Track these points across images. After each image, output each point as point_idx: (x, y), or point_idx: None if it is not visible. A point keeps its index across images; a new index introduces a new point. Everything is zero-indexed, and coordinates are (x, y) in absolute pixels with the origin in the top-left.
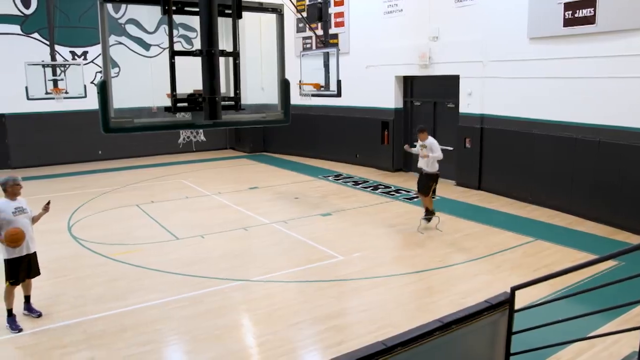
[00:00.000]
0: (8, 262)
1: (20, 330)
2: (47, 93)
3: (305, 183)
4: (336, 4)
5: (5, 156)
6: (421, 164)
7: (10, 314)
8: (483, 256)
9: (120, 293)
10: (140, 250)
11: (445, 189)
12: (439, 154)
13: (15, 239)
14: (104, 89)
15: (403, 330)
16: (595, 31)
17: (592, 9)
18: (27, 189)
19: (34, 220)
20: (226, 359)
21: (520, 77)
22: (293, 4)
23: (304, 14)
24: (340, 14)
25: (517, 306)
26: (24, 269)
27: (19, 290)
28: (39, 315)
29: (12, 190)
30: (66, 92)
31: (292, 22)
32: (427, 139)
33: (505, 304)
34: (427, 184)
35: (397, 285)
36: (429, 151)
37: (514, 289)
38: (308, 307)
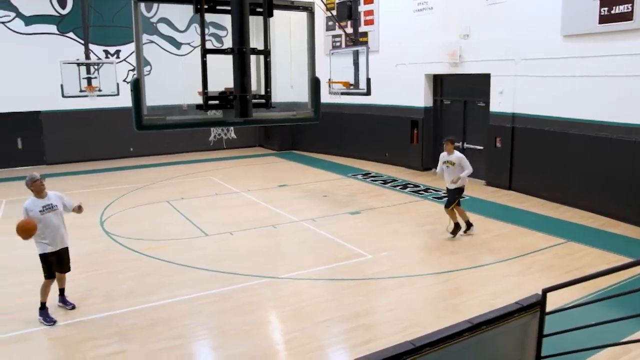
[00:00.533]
0: (41, 258)
1: (54, 322)
2: (81, 91)
3: (333, 181)
4: (366, 2)
5: (40, 152)
6: (449, 184)
7: (43, 307)
8: (513, 257)
9: (150, 288)
10: (171, 246)
11: (475, 189)
12: (469, 170)
13: (25, 229)
14: (137, 87)
15: (431, 330)
16: (633, 28)
17: (630, 4)
18: (61, 184)
19: (73, 211)
20: (254, 354)
21: (553, 76)
22: (323, 2)
23: (334, 12)
24: (370, 12)
25: (548, 308)
26: (54, 263)
27: (53, 284)
28: (73, 307)
29: (35, 187)
30: (99, 90)
31: (321, 20)
32: (454, 153)
33: (536, 305)
34: (454, 196)
35: (425, 285)
36: (459, 170)
37: (545, 291)
38: (336, 305)
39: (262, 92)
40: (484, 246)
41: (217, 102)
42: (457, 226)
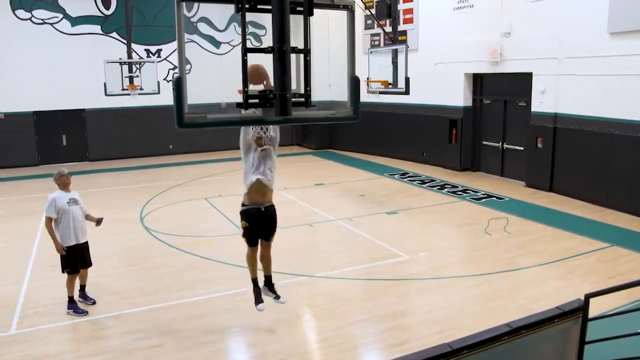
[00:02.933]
0: (67, 251)
1: (85, 313)
2: (123, 89)
3: (371, 180)
4: (405, 1)
5: (84, 149)
6: None
7: (71, 300)
8: (553, 261)
9: (187, 283)
10: (208, 243)
11: (515, 190)
12: None
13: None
14: (179, 85)
15: (468, 333)
16: None
17: None
18: (103, 180)
19: (86, 217)
20: (288, 352)
21: (598, 75)
22: (362, 0)
23: (373, 11)
24: (409, 11)
25: (590, 315)
26: (78, 257)
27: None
28: (94, 302)
29: (61, 182)
30: (141, 89)
31: (360, 18)
32: None
33: (578, 311)
34: None
35: (463, 287)
36: None
37: (588, 296)
38: (372, 305)
39: (302, 91)
40: (524, 249)
41: (256, 100)
42: None
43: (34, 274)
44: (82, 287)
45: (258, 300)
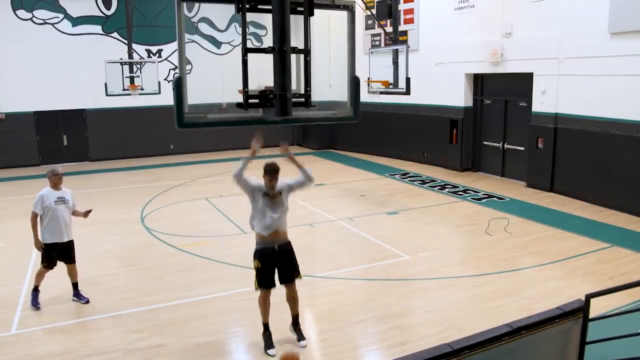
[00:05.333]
0: (45, 247)
1: (38, 308)
2: (124, 89)
3: (371, 181)
4: (406, 1)
5: (85, 149)
6: None
7: (36, 289)
8: (554, 261)
9: (188, 283)
10: (209, 243)
11: (516, 190)
12: None
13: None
14: (179, 86)
15: (468, 333)
16: None
17: None
18: (104, 180)
19: (74, 213)
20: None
21: (599, 75)
22: (363, 1)
23: (373, 11)
24: (410, 11)
25: (591, 315)
26: (58, 254)
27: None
28: (87, 301)
29: (53, 181)
30: (142, 89)
31: (360, 18)
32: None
33: (579, 311)
34: None
35: (464, 287)
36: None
37: (589, 297)
38: (372, 305)
39: (302, 91)
40: (524, 249)
41: (257, 100)
42: None
43: (34, 274)
44: (75, 286)
45: (268, 345)
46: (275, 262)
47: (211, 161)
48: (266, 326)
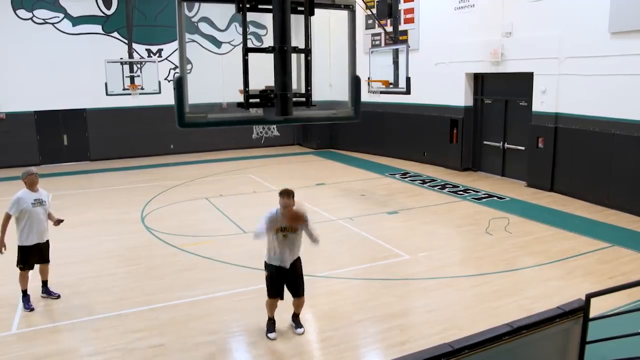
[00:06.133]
0: (20, 249)
1: (32, 309)
2: (124, 89)
3: (372, 180)
4: (406, 0)
5: (85, 149)
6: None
7: (25, 294)
8: (554, 261)
9: (189, 283)
10: (209, 243)
11: (516, 190)
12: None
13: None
14: (180, 85)
15: (468, 333)
16: None
17: None
18: (104, 180)
19: (49, 217)
20: (290, 352)
21: (599, 74)
22: (363, 0)
23: (374, 11)
24: (410, 10)
25: (591, 315)
26: (35, 255)
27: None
28: (58, 296)
29: (29, 181)
30: (142, 88)
31: (361, 18)
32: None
33: (579, 311)
34: None
35: (464, 287)
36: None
37: (589, 296)
38: (372, 305)
39: (303, 91)
40: (524, 249)
41: (257, 100)
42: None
43: (34, 274)
44: (45, 283)
45: (270, 330)
46: (285, 279)
47: (211, 161)
48: (271, 318)
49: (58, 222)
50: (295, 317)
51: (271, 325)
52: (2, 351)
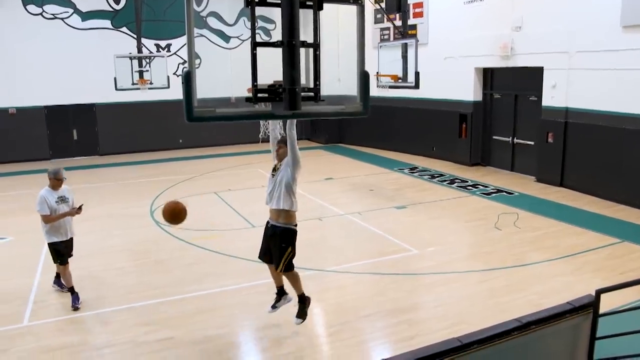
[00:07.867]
0: (52, 246)
1: (77, 308)
2: (133, 84)
3: (380, 175)
4: None
5: (94, 143)
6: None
7: (72, 291)
8: (563, 256)
9: (197, 277)
10: (218, 237)
11: (525, 185)
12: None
13: (174, 213)
14: (188, 80)
15: (477, 328)
16: None
17: None
18: (113, 174)
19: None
20: (298, 346)
21: (610, 69)
22: None
23: (383, 5)
24: (419, 4)
25: (601, 311)
26: (66, 248)
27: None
28: (69, 289)
29: (53, 182)
30: (151, 83)
31: (370, 12)
32: None
33: (589, 307)
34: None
35: (473, 282)
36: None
37: (599, 292)
38: (381, 299)
39: (311, 85)
40: (533, 244)
41: (266, 95)
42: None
43: (45, 267)
44: (58, 275)
45: (272, 305)
46: (268, 240)
47: (220, 155)
48: (278, 290)
49: (78, 210)
50: (299, 301)
51: (274, 300)
52: (14, 343)
